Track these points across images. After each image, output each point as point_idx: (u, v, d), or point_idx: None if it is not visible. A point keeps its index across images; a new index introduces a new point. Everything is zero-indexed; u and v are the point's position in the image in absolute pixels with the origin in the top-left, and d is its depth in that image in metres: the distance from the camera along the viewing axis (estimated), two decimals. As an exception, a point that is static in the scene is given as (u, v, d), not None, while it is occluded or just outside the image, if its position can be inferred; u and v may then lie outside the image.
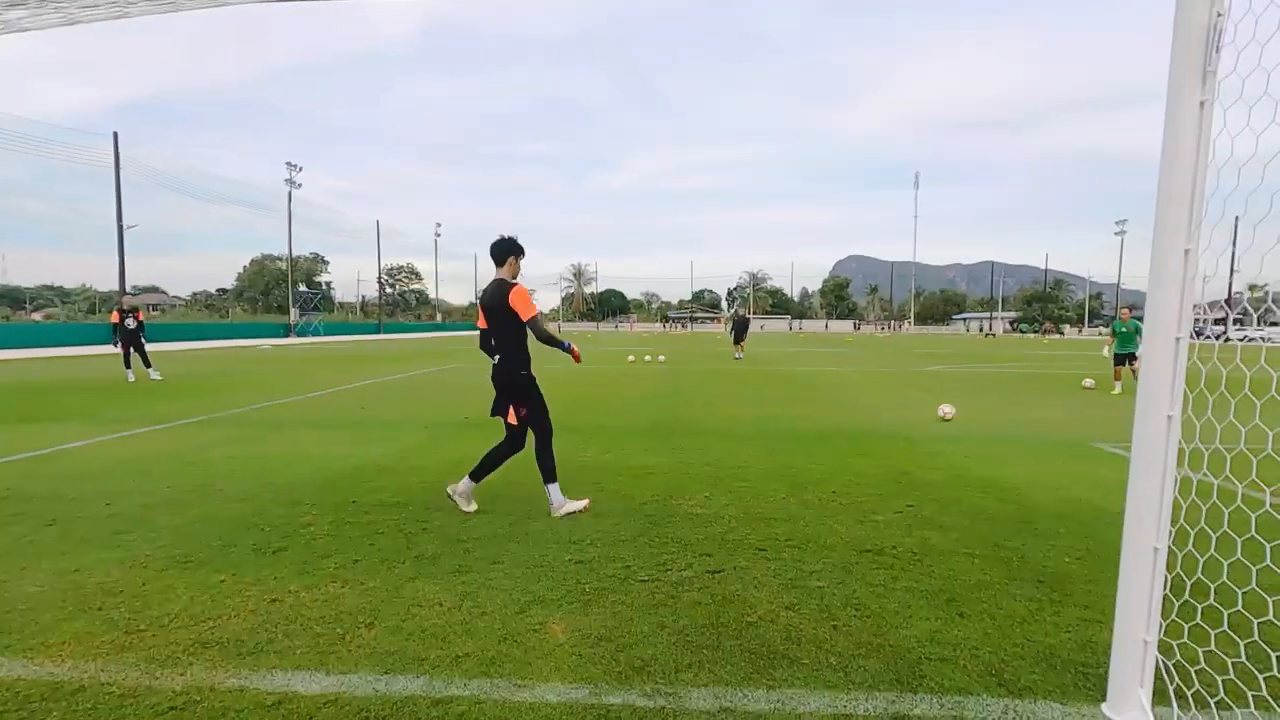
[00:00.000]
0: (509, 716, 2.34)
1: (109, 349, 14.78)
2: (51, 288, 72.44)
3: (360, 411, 10.14)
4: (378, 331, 60.94)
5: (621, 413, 10.07)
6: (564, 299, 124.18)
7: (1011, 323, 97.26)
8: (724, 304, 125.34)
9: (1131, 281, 76.05)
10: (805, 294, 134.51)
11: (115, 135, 35.63)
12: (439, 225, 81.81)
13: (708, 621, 3.09)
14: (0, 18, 2.01)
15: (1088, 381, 14.62)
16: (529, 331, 4.57)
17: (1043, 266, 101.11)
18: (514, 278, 4.63)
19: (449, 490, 4.77)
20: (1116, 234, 76.73)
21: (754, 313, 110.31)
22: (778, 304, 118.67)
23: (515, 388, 4.62)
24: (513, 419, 4.65)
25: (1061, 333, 79.51)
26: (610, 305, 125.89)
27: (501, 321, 4.52)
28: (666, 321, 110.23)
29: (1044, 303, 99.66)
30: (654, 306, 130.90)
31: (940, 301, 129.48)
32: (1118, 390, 13.18)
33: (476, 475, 4.72)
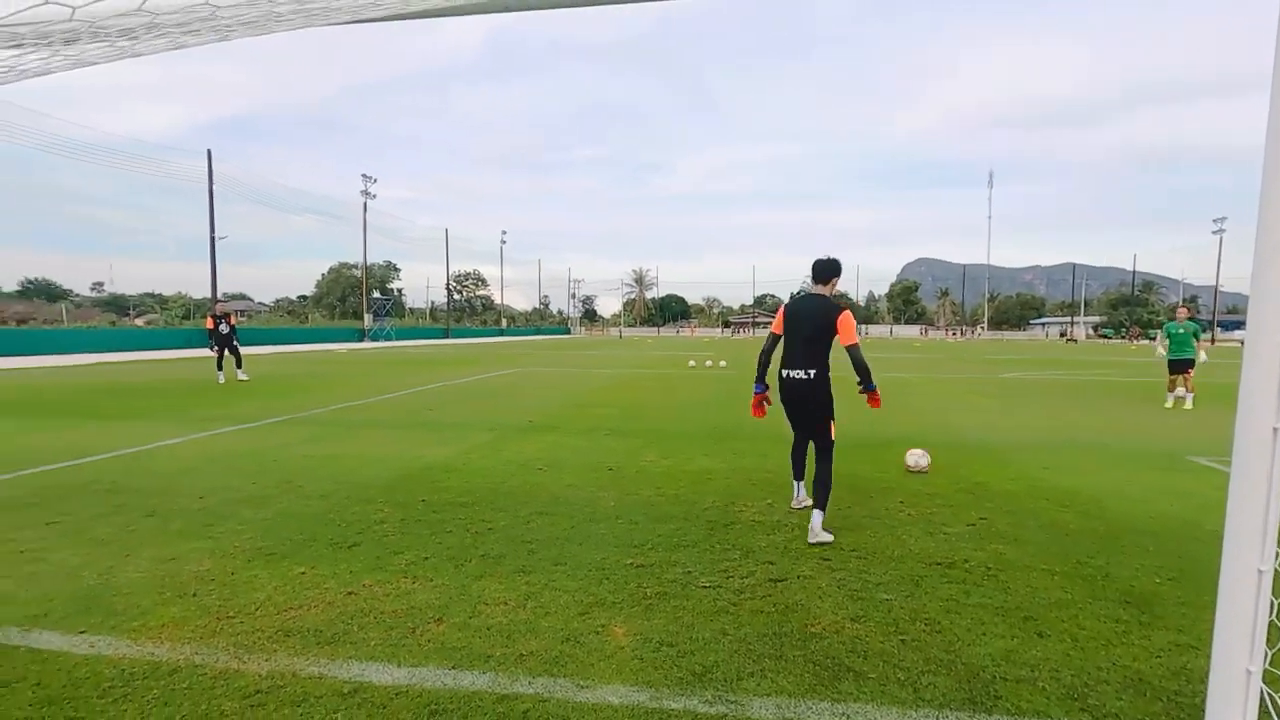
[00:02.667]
0: (571, 716, 2.38)
1: (202, 352, 15.79)
2: (152, 295, 77.93)
3: (428, 414, 10.48)
4: (445, 336, 62.87)
5: (681, 417, 10.06)
6: (625, 304, 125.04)
7: (1095, 328, 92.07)
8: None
9: (1231, 284, 70.80)
10: (872, 298, 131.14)
11: (209, 153, 38.11)
12: (504, 233, 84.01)
13: (770, 630, 3.05)
14: (116, 44, 2.21)
15: (1180, 390, 13.67)
16: (848, 354, 4.45)
17: (1130, 268, 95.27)
18: (831, 296, 4.62)
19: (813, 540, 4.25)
20: (1214, 233, 71.54)
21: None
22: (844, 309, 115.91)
23: (825, 404, 4.53)
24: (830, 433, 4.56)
25: (1151, 338, 74.69)
26: (671, 310, 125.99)
27: (819, 337, 4.44)
28: (728, 326, 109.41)
29: (1131, 306, 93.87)
30: (715, 311, 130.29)
31: (1016, 305, 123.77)
32: (1170, 404, 11.79)
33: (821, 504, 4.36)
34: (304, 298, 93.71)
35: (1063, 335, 77.75)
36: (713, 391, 14.14)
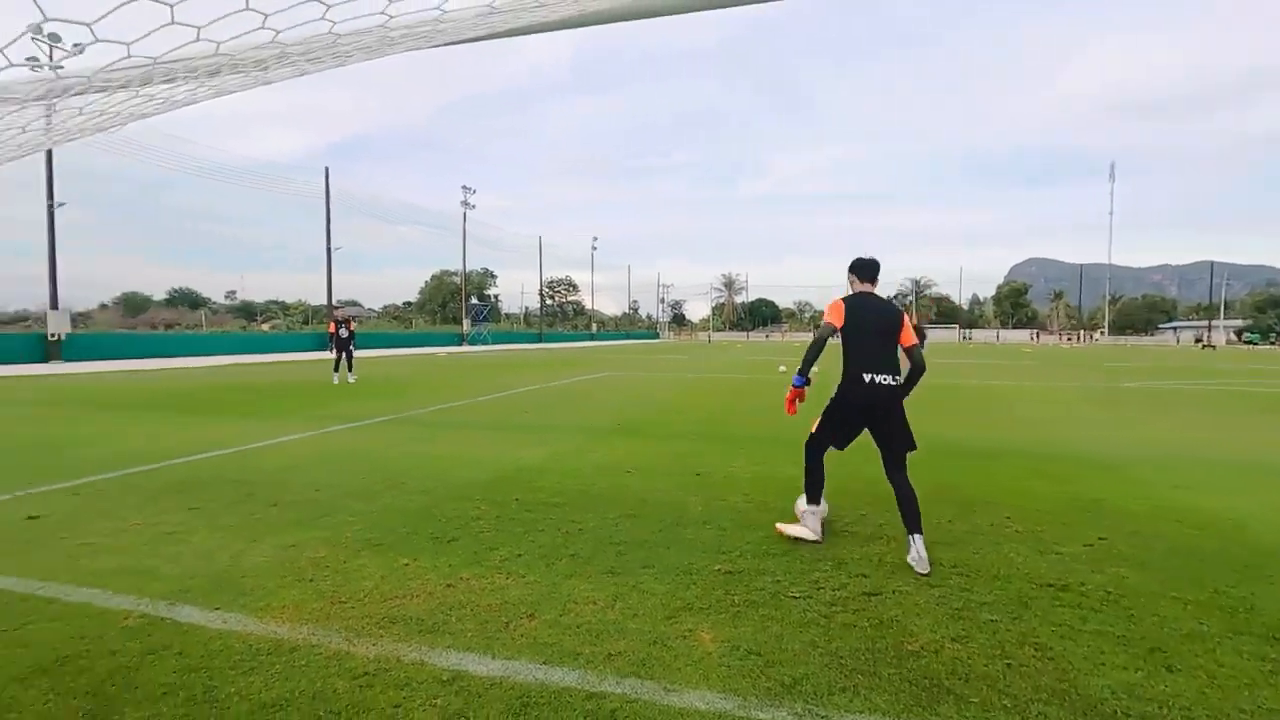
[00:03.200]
0: (658, 718, 2.39)
1: (316, 355, 17.06)
2: (275, 302, 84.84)
3: (522, 416, 10.82)
4: (538, 340, 64.78)
5: (771, 424, 9.89)
6: (714, 309, 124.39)
7: (1237, 332, 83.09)
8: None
9: None
10: (976, 301, 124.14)
11: (326, 170, 41.12)
12: (595, 239, 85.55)
13: (863, 646, 2.94)
14: (250, 74, 2.46)
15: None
16: (909, 356, 4.30)
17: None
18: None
19: (916, 561, 3.90)
20: (1386, 224, 62.96)
21: (916, 322, 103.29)
22: (944, 312, 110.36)
23: (900, 411, 4.26)
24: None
25: (1307, 344, 66.50)
26: (760, 314, 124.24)
27: (887, 340, 4.21)
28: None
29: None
30: (806, 315, 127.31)
31: (1142, 308, 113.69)
32: None
33: (911, 526, 4.05)
34: (408, 304, 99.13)
35: (1198, 341, 70.56)
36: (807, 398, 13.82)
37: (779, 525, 4.52)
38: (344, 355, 16.49)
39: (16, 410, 11.16)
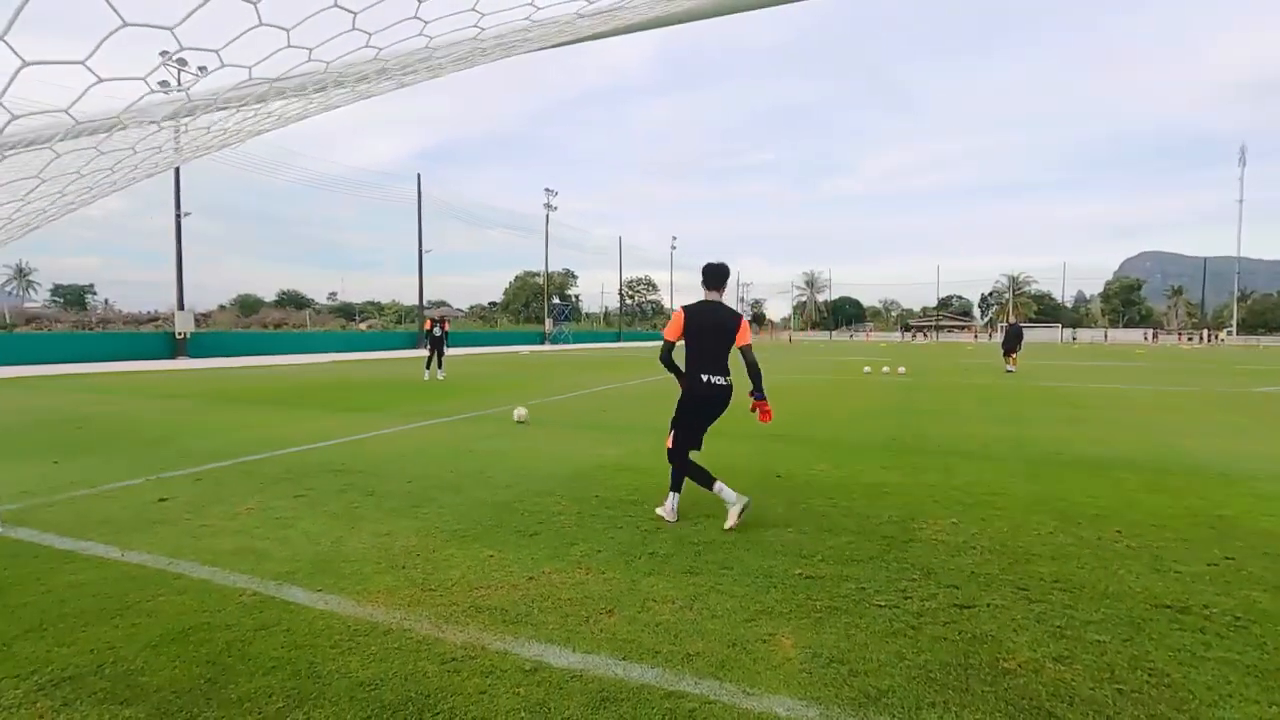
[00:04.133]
0: (738, 722, 2.37)
1: (409, 353, 17.98)
2: (372, 303, 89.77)
3: (601, 414, 10.97)
4: (617, 339, 65.51)
5: (855, 427, 9.60)
6: (795, 308, 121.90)
7: (1395, 332, 73.77)
8: (976, 311, 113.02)
9: None
10: (1081, 298, 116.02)
11: (419, 176, 43.10)
12: (674, 239, 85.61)
13: (955, 660, 2.81)
14: (355, 89, 2.62)
15: None
16: (741, 354, 4.75)
17: None
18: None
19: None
20: None
21: (1010, 320, 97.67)
22: (1045, 310, 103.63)
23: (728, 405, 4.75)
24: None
25: None
26: (844, 313, 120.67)
27: (724, 343, 4.69)
28: (907, 330, 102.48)
29: None
30: (893, 314, 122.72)
31: (1276, 306, 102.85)
32: None
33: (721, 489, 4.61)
34: (493, 304, 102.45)
35: (1346, 342, 63.00)
36: (890, 400, 13.33)
37: (657, 510, 4.84)
38: (436, 353, 17.26)
39: (150, 403, 12.30)
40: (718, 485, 4.65)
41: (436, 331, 17.35)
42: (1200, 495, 5.61)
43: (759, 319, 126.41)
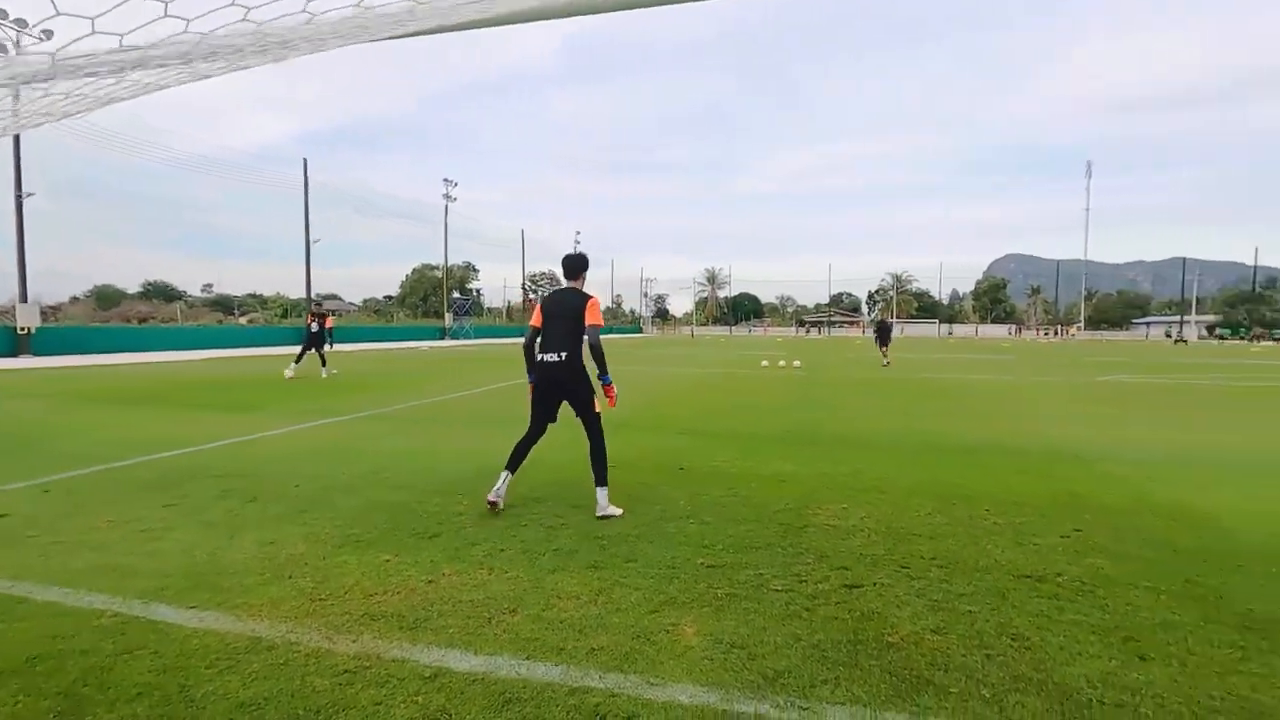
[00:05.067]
0: (642, 713, 2.39)
1: (298, 349, 16.85)
2: (254, 295, 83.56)
3: (505, 410, 10.77)
4: (522, 335, 64.50)
5: (755, 418, 9.93)
6: (697, 303, 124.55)
7: (1209, 328, 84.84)
8: (864, 308, 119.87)
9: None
10: (955, 296, 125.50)
11: (305, 162, 40.56)
12: (578, 233, 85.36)
13: (845, 638, 2.97)
14: (226, 59, 2.40)
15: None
16: (587, 333, 4.82)
17: (1251, 262, 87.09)
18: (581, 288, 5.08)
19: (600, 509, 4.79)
20: (1352, 222, 64.53)
21: (898, 317, 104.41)
22: (924, 307, 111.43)
23: (584, 384, 4.84)
24: (601, 406, 4.90)
25: (1277, 338, 68.08)
26: (744, 309, 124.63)
27: (572, 325, 4.81)
28: (802, 325, 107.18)
29: (1252, 304, 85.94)
30: (789, 310, 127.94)
31: (1117, 304, 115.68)
32: None
33: (601, 482, 4.84)
34: (389, 297, 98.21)
35: (1170, 336, 71.86)
36: (786, 393, 13.90)
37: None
38: (312, 349, 16.29)
39: (-15, 405, 10.90)
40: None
41: (315, 326, 16.40)
42: (1056, 475, 6.21)
43: (663, 314, 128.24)
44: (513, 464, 4.98)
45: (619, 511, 4.79)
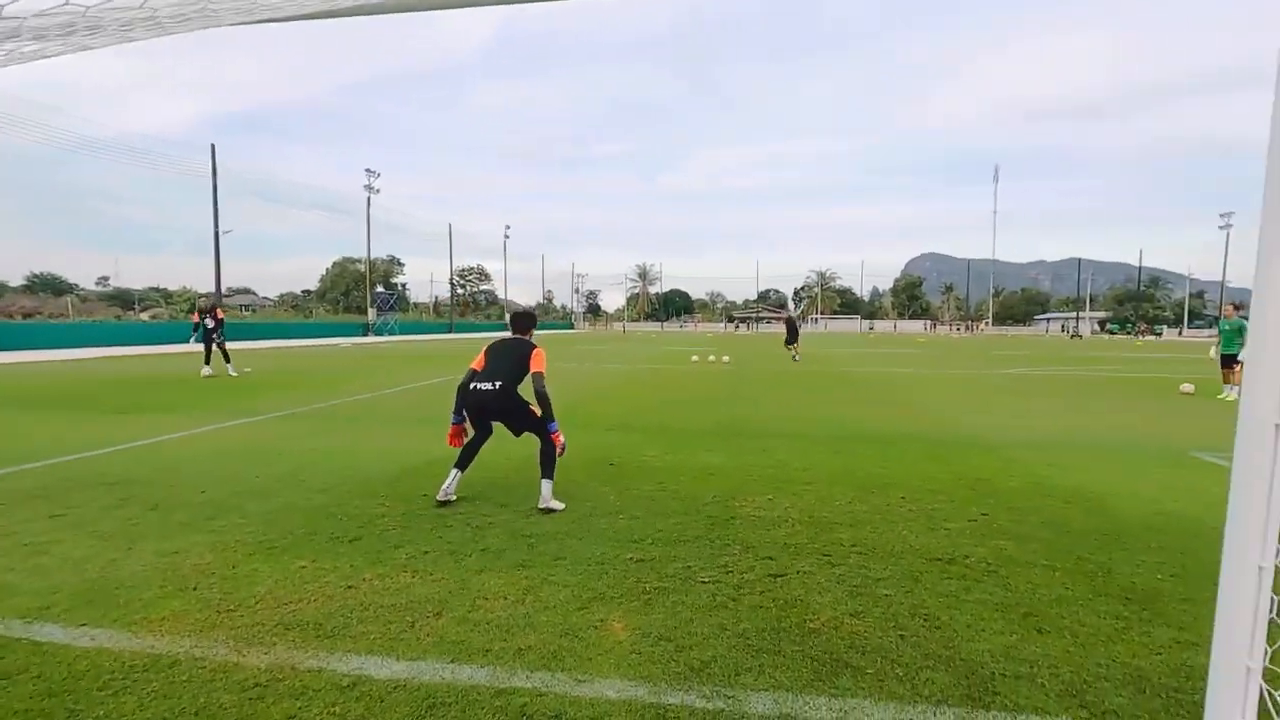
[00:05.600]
0: (569, 710, 2.38)
1: (201, 348, 15.80)
2: (157, 289, 78.08)
3: (431, 408, 10.49)
4: (448, 331, 63.00)
5: (684, 413, 10.05)
6: (629, 299, 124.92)
7: (1100, 323, 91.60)
8: (790, 304, 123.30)
9: (1240, 280, 70.33)
10: (876, 293, 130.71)
11: (213, 147, 38.15)
12: (508, 228, 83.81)
13: (769, 626, 3.05)
14: (111, 31, 2.21)
15: (1186, 386, 13.61)
16: (531, 380, 5.01)
17: (1136, 263, 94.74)
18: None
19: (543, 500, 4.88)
20: (1221, 228, 71.19)
21: (822, 313, 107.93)
22: (847, 304, 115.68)
23: (519, 406, 5.04)
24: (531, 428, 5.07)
25: (1158, 334, 74.31)
26: (675, 305, 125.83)
27: (511, 365, 5.04)
28: (731, 321, 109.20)
29: (1137, 302, 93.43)
30: (719, 306, 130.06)
31: (1021, 301, 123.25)
32: (1229, 396, 12.12)
33: (548, 474, 4.95)
34: (308, 292, 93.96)
35: (1066, 330, 77.46)
36: (717, 387, 14.12)
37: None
38: (212, 347, 15.38)
39: None
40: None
41: (208, 323, 15.45)
42: (965, 462, 6.57)
43: (595, 310, 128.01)
44: (462, 462, 5.11)
45: (561, 506, 4.84)
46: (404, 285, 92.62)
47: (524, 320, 5.52)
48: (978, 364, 22.57)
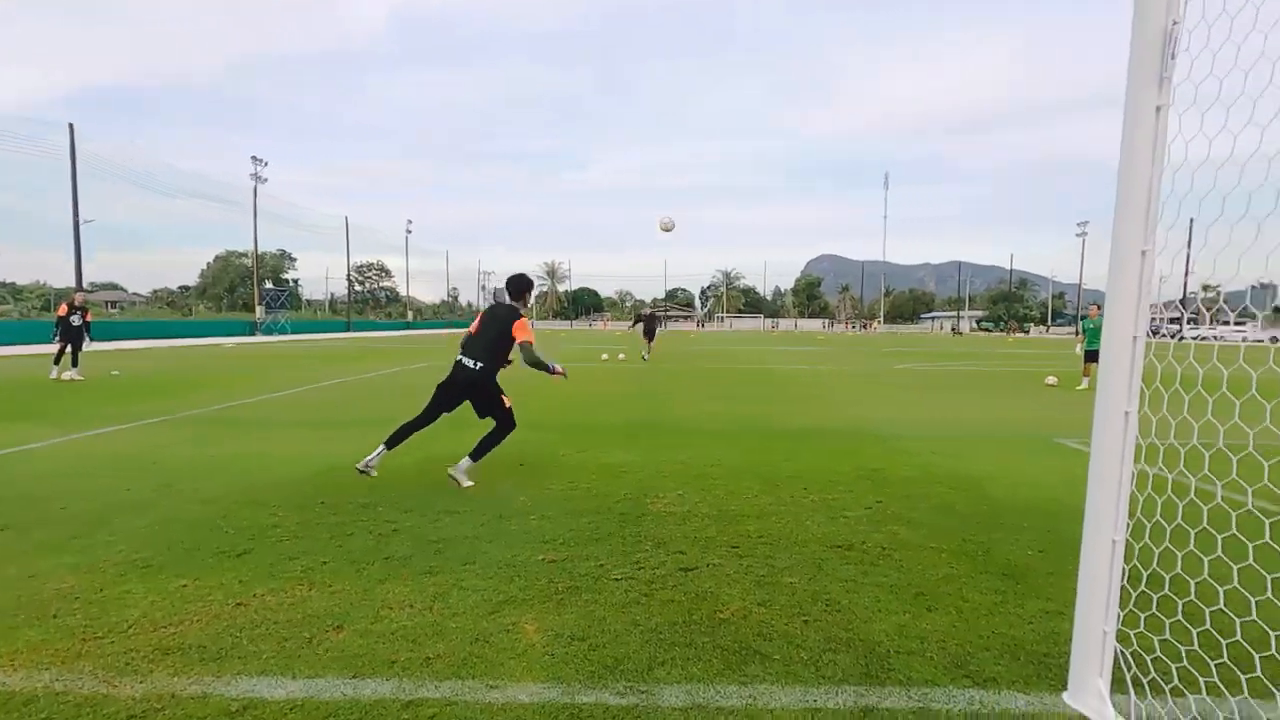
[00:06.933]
0: (480, 718, 2.33)
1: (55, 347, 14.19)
2: (3, 284, 69.75)
3: (328, 411, 9.97)
4: (347, 329, 60.00)
5: (595, 411, 10.05)
6: (537, 297, 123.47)
7: (978, 322, 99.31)
8: (698, 302, 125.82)
9: (1093, 282, 78.25)
10: (778, 293, 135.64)
11: (71, 127, 34.46)
12: (410, 222, 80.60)
13: (681, 619, 3.10)
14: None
15: (1050, 379, 15.00)
16: (519, 350, 5.34)
17: (1008, 267, 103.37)
18: (525, 307, 5.58)
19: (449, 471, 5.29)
20: (1078, 235, 78.83)
21: (728, 312, 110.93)
22: (751, 303, 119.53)
23: (494, 392, 5.38)
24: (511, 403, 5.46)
25: (1026, 331, 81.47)
26: (583, 303, 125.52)
27: (495, 335, 5.30)
28: (638, 320, 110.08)
29: (1009, 302, 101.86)
30: (627, 305, 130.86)
31: (909, 300, 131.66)
32: (1084, 385, 13.58)
33: (476, 456, 5.39)
34: (186, 288, 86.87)
35: (944, 328, 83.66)
36: (627, 385, 14.21)
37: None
38: (71, 347, 13.91)
39: None
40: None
41: (75, 320, 13.94)
42: (862, 453, 6.94)
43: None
44: (392, 441, 5.34)
45: (470, 483, 5.22)
46: (296, 281, 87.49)
47: (513, 283, 5.60)
48: (872, 360, 23.90)
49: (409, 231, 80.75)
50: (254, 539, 4.12)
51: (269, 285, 58.88)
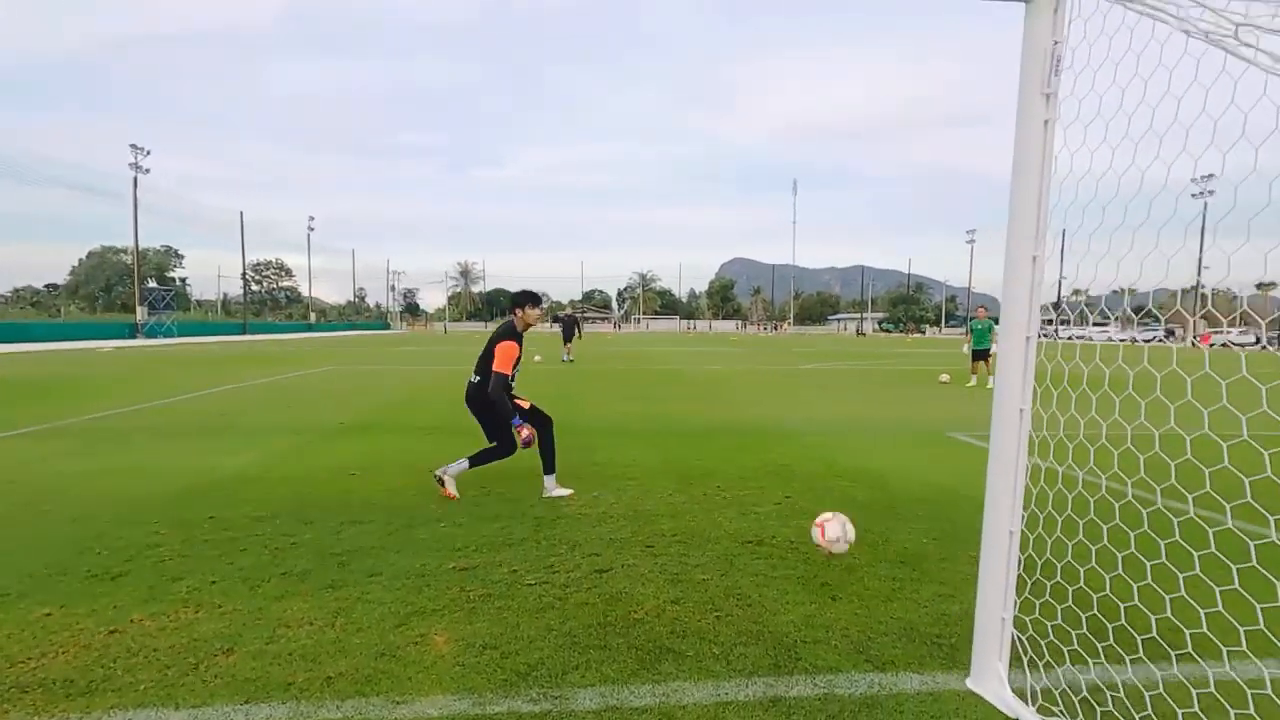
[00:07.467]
0: (386, 736, 2.23)
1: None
2: None
3: (220, 419, 9.31)
4: (242, 332, 56.29)
5: (510, 414, 9.87)
6: (450, 298, 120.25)
7: (879, 323, 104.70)
8: (614, 304, 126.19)
9: (981, 285, 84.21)
10: (693, 295, 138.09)
11: (-91, 104, 30.55)
12: (312, 218, 76.56)
13: (595, 621, 3.09)
14: None
15: (943, 377, 16.02)
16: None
17: (907, 271, 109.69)
18: (523, 325, 5.24)
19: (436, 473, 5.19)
20: (968, 242, 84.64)
21: (645, 314, 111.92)
22: (667, 304, 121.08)
23: (487, 410, 5.17)
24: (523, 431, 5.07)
25: (923, 332, 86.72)
26: (499, 304, 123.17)
27: (486, 351, 5.08)
28: (556, 321, 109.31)
29: (907, 305, 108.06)
30: (545, 306, 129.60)
31: (817, 303, 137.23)
32: (973, 383, 14.54)
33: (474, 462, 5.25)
34: (55, 287, 79.02)
35: (847, 329, 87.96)
36: (541, 386, 14.05)
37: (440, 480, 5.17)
38: None
39: None
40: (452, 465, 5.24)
41: None
42: (771, 450, 7.16)
43: (413, 309, 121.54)
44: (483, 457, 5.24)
45: (456, 495, 5.12)
46: (183, 280, 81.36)
47: (513, 298, 5.32)
48: (781, 360, 24.73)
49: (311, 228, 76.78)
50: (131, 560, 3.79)
51: (152, 284, 54.39)
